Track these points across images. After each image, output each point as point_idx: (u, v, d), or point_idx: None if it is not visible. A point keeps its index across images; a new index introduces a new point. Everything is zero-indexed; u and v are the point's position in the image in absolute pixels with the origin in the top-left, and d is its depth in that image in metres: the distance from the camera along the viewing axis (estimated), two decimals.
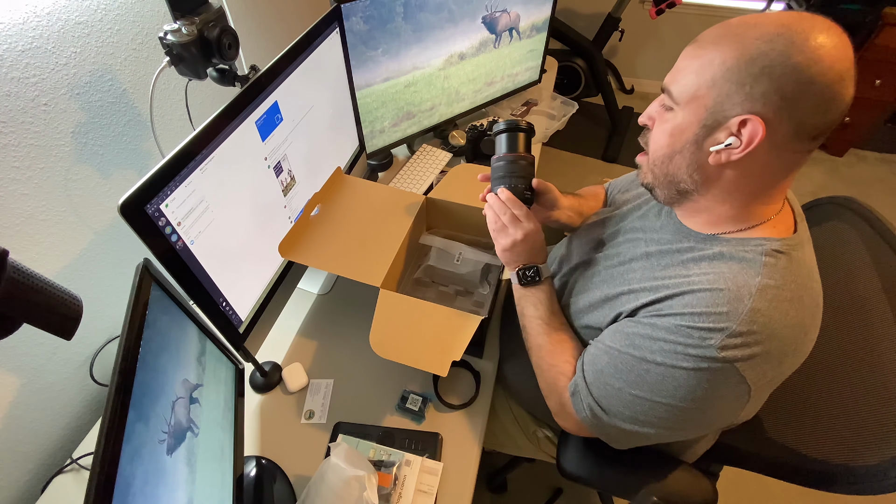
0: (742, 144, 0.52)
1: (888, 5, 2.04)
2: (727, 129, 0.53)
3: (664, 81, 0.58)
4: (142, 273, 0.55)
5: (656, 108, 0.61)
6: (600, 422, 0.64)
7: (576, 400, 0.67)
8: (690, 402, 0.57)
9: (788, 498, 1.36)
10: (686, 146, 0.56)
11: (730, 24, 0.53)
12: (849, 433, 0.66)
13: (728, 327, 0.53)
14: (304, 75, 0.84)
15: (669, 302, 0.59)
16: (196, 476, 0.55)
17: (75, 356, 0.87)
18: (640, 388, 0.60)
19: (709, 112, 0.53)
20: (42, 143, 0.74)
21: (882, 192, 2.34)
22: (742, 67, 0.50)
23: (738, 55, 0.50)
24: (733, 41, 0.51)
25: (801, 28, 0.48)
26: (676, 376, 0.57)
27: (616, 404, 0.63)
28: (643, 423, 0.62)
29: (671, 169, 0.59)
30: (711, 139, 0.54)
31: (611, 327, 0.66)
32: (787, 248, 0.57)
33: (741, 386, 0.55)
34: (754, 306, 0.53)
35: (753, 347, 0.53)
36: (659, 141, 0.59)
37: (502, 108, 1.52)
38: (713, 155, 0.55)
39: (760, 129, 0.50)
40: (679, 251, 0.63)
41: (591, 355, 0.66)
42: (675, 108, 0.57)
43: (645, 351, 0.59)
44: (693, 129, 0.55)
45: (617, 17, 2.42)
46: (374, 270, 0.79)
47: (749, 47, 0.50)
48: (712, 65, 0.52)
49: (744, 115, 0.51)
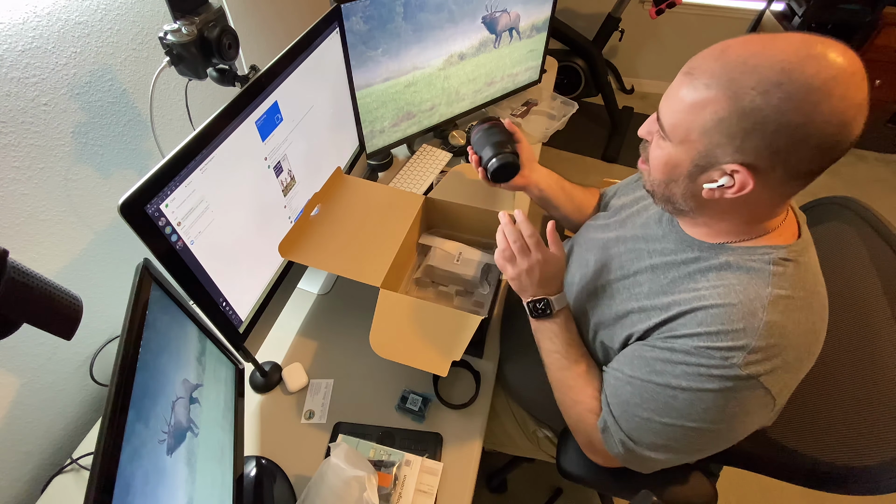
0: (734, 188, 0.52)
1: (888, 5, 2.04)
2: (720, 171, 0.52)
3: (659, 106, 0.57)
4: (142, 273, 0.55)
5: (655, 127, 0.59)
6: (633, 455, 0.63)
7: (607, 437, 0.65)
8: (720, 423, 0.57)
9: (788, 498, 1.36)
10: (681, 178, 0.56)
11: (728, 59, 0.49)
12: (848, 433, 0.66)
13: (748, 344, 0.52)
14: (304, 75, 0.84)
15: (682, 320, 0.58)
16: (196, 476, 0.55)
17: (75, 356, 0.87)
18: (668, 415, 0.59)
19: (700, 155, 0.52)
20: (42, 143, 0.74)
21: (882, 192, 2.34)
22: (734, 122, 0.48)
23: (730, 107, 0.48)
24: (728, 88, 0.48)
25: (805, 76, 0.44)
26: (705, 399, 0.55)
27: (647, 435, 0.61)
28: (676, 450, 0.61)
29: (668, 192, 0.59)
30: (705, 176, 0.54)
31: (626, 353, 0.65)
32: (794, 254, 0.56)
33: (766, 398, 0.54)
34: (769, 319, 0.53)
35: (774, 360, 0.53)
36: (655, 164, 0.59)
37: (502, 108, 1.52)
38: (706, 191, 0.54)
39: (750, 181, 0.50)
40: (685, 262, 0.62)
41: (613, 387, 0.65)
42: (667, 140, 0.56)
43: (668, 376, 0.58)
44: (686, 165, 0.54)
45: (617, 17, 2.42)
46: (374, 270, 0.79)
47: (743, 99, 0.47)
48: (704, 112, 0.50)
49: (734, 166, 0.50)
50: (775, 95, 0.45)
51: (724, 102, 0.48)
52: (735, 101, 0.47)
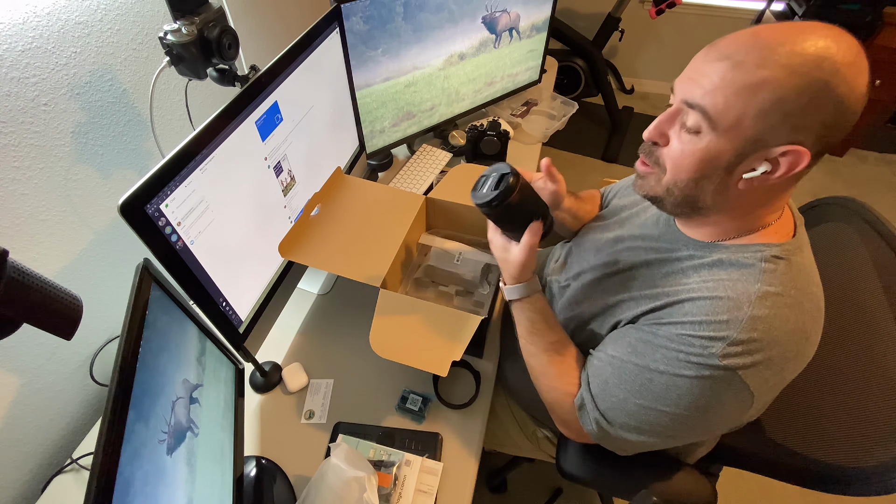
0: (781, 171, 0.50)
1: (888, 5, 2.04)
2: (763, 157, 0.50)
3: (687, 94, 0.52)
4: (142, 273, 0.55)
5: (672, 126, 0.55)
6: (605, 434, 0.64)
7: (582, 414, 0.66)
8: (694, 411, 0.57)
9: (788, 498, 1.36)
10: (716, 172, 0.53)
11: (767, 42, 0.48)
12: (848, 434, 0.66)
13: (729, 336, 0.53)
14: (304, 75, 0.84)
15: (669, 310, 0.59)
16: (196, 476, 0.55)
17: (75, 356, 0.87)
18: (643, 397, 0.60)
19: (747, 141, 0.50)
20: (42, 143, 0.74)
21: (882, 192, 2.34)
22: (792, 99, 0.47)
23: (789, 84, 0.47)
24: (783, 67, 0.47)
25: (842, 52, 0.46)
26: (680, 385, 0.56)
27: (621, 415, 0.62)
28: (647, 433, 0.62)
29: (695, 191, 0.55)
30: (744, 165, 0.51)
31: (612, 334, 0.66)
32: (787, 253, 0.56)
33: (744, 393, 0.55)
34: (754, 314, 0.53)
35: (755, 355, 0.53)
36: (682, 164, 0.54)
37: (502, 108, 1.52)
38: (744, 181, 0.52)
39: (805, 159, 0.49)
40: (679, 259, 0.62)
41: (595, 367, 0.66)
42: (704, 132, 0.51)
43: (647, 359, 0.59)
44: (727, 155, 0.51)
45: (617, 17, 2.42)
46: (374, 270, 0.79)
47: (799, 75, 0.46)
48: (761, 92, 0.47)
49: (787, 147, 0.49)
50: (825, 70, 0.46)
51: (784, 80, 0.47)
52: (793, 78, 0.46)
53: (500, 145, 1.28)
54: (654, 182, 0.59)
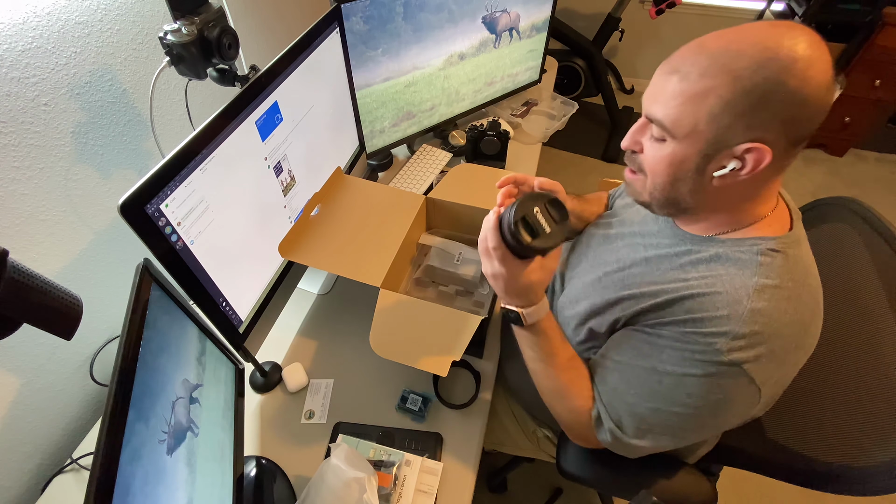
0: (748, 167, 0.52)
1: (888, 5, 2.04)
2: (729, 155, 0.52)
3: (647, 109, 0.57)
4: (142, 273, 0.55)
5: (643, 135, 0.59)
6: (620, 442, 0.64)
7: (599, 427, 0.66)
8: (704, 409, 0.57)
9: (788, 498, 1.36)
10: (688, 174, 0.56)
11: (711, 50, 0.51)
12: (848, 433, 0.66)
13: (731, 330, 0.53)
14: (304, 75, 0.84)
15: (670, 308, 0.59)
16: (196, 476, 0.55)
17: (75, 356, 0.87)
18: (653, 399, 0.60)
19: (708, 143, 0.53)
20: (42, 143, 0.74)
21: (882, 192, 2.34)
22: (740, 101, 0.49)
23: (733, 88, 0.49)
24: (723, 73, 0.49)
25: (787, 48, 0.48)
26: (688, 384, 0.57)
27: (633, 421, 0.62)
28: (659, 435, 0.62)
29: (673, 193, 0.58)
30: (714, 164, 0.54)
31: (613, 338, 0.66)
32: (783, 246, 0.57)
33: (751, 387, 0.55)
34: (753, 307, 0.53)
35: (758, 348, 0.53)
36: (656, 169, 0.58)
37: (502, 108, 1.52)
38: (717, 179, 0.54)
39: (767, 155, 0.50)
40: (677, 255, 0.63)
41: (601, 375, 0.66)
42: (667, 140, 0.55)
43: (654, 360, 0.59)
44: (693, 158, 0.54)
45: (617, 17, 2.42)
46: (374, 270, 0.79)
47: (742, 78, 0.49)
48: (708, 99, 0.51)
49: (748, 144, 0.51)
50: (770, 69, 0.48)
51: (727, 86, 0.50)
52: (736, 82, 0.49)
53: (500, 145, 1.28)
54: (640, 187, 0.62)
